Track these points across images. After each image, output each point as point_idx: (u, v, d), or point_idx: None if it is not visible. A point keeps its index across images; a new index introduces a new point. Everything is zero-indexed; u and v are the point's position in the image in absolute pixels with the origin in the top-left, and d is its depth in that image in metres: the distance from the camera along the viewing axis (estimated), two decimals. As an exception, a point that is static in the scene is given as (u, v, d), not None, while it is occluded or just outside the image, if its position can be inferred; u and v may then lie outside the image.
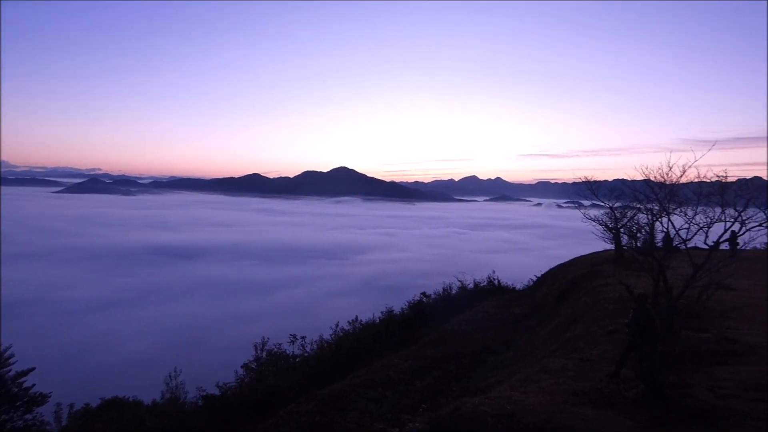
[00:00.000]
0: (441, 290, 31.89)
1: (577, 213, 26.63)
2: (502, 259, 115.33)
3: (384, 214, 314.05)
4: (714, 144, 12.40)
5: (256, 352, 21.13)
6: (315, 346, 22.35)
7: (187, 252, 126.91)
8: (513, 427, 7.29)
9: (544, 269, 33.23)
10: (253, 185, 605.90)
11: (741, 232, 12.35)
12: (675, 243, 14.51)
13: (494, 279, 33.64)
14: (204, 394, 18.16)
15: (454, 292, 31.76)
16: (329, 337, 22.99)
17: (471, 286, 32.28)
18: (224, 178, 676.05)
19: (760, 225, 11.65)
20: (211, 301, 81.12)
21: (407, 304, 29.42)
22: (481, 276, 34.09)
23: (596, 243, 28.20)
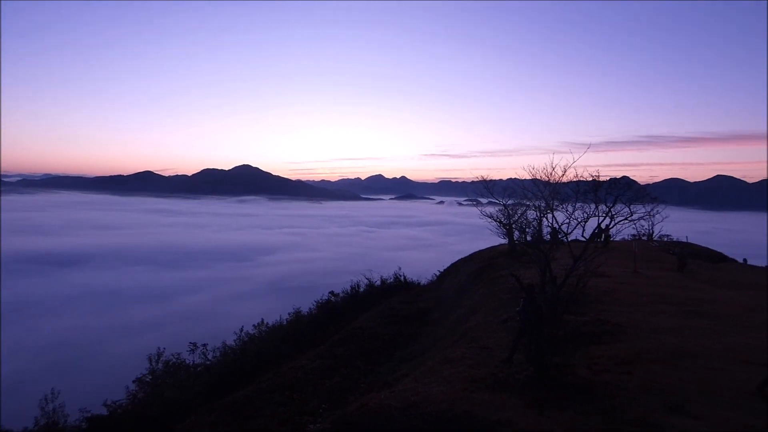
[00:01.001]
0: (349, 289, 32.08)
1: (476, 210, 28.40)
2: (409, 256, 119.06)
3: (291, 214, 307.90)
4: (589, 147, 13.91)
5: (151, 364, 19.56)
6: (218, 353, 21.26)
7: (65, 258, 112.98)
8: (416, 418, 7.55)
9: (447, 264, 34.92)
10: (145, 184, 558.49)
11: (611, 226, 14.01)
12: (560, 236, 16.00)
13: (401, 275, 34.59)
14: (88, 415, 16.39)
15: (362, 289, 32.12)
16: (233, 343, 22.01)
17: (378, 283, 32.88)
18: (111, 176, 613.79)
19: (625, 219, 13.32)
20: (96, 313, 73.08)
21: (316, 304, 29.17)
22: (389, 273, 34.89)
23: (493, 238, 30.28)
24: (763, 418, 7.68)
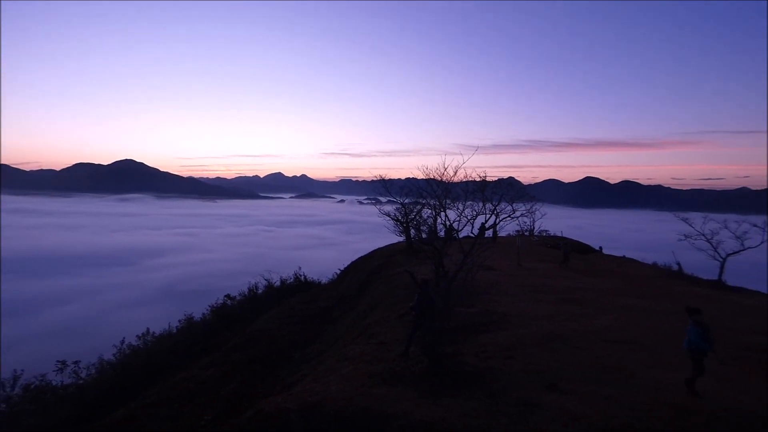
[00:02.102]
0: (247, 291, 30.85)
1: (376, 209, 28.92)
2: (310, 255, 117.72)
3: (182, 213, 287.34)
4: (477, 149, 14.93)
5: (5, 390, 16.95)
6: (93, 371, 19.09)
7: None
8: (314, 419, 7.48)
9: (348, 263, 35.17)
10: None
11: (497, 223, 15.16)
12: (454, 233, 16.90)
13: (301, 275, 34.07)
14: None
15: (260, 291, 31.07)
16: (113, 358, 19.94)
17: (278, 283, 32.05)
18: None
19: (509, 216, 14.49)
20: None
21: (210, 308, 27.60)
22: (289, 273, 34.17)
23: (393, 236, 31.16)
24: (621, 388, 8.83)
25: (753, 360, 10.91)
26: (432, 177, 16.43)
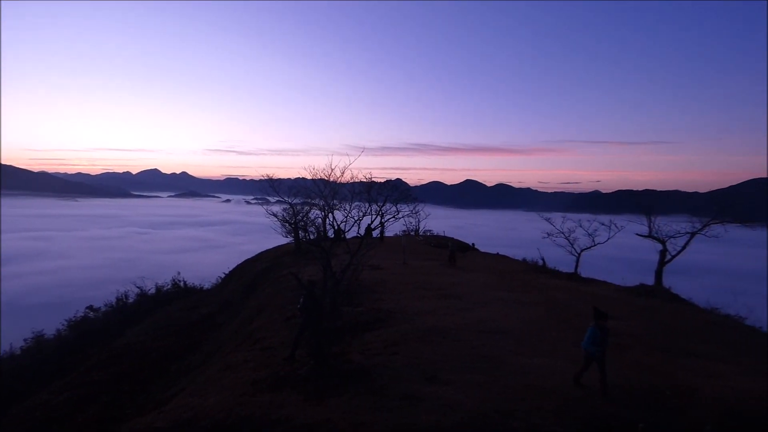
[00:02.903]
0: (115, 301, 27.76)
1: (264, 209, 27.91)
2: (192, 259, 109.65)
3: (32, 213, 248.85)
4: (363, 150, 15.12)
5: None
6: None
7: None
8: (189, 436, 6.95)
9: (235, 265, 33.48)
10: None
11: (382, 223, 15.54)
12: (343, 234, 16.91)
13: (180, 281, 31.62)
14: None
15: (131, 300, 28.16)
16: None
17: (152, 291, 29.35)
18: None
19: (393, 217, 14.94)
20: None
21: (67, 323, 24.29)
22: (166, 279, 31.49)
23: (281, 237, 30.33)
24: (493, 375, 9.58)
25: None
26: (320, 177, 16.30)
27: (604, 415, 7.95)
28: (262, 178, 26.33)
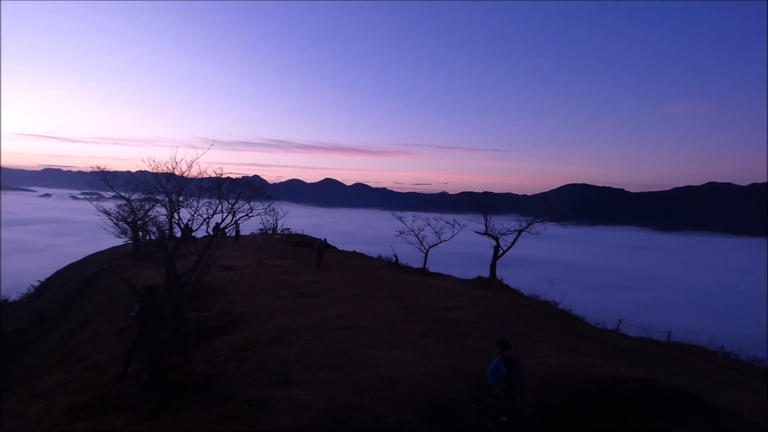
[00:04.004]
0: None
1: (95, 205, 24.21)
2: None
3: None
4: (213, 144, 14.14)
5: None
6: None
7: None
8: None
9: (54, 271, 28.53)
10: None
11: (236, 220, 14.70)
12: (190, 233, 15.56)
13: (-25, 292, 25.84)
14: None
15: None
16: None
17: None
18: None
19: (247, 215, 14.25)
20: None
21: None
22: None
23: (119, 237, 26.68)
24: (345, 371, 9.70)
25: (445, 331, 13.57)
26: (164, 171, 14.76)
27: (444, 399, 8.60)
28: (92, 169, 22.88)
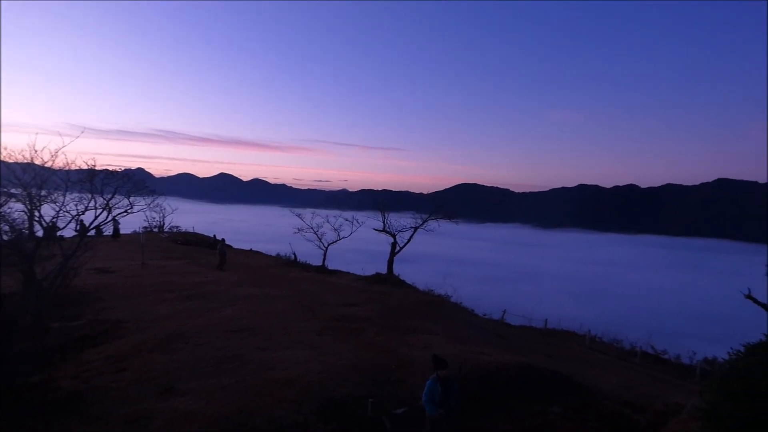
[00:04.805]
0: None
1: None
2: None
3: None
4: (83, 131, 12.48)
5: None
6: None
7: None
8: None
9: None
10: None
11: (111, 218, 13.22)
12: (58, 232, 13.69)
13: None
14: None
15: None
16: None
17: None
18: None
19: (126, 211, 12.89)
20: None
21: None
22: None
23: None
24: (238, 375, 9.22)
25: (343, 329, 13.57)
26: (20, 161, 12.76)
27: (340, 396, 8.58)
28: None
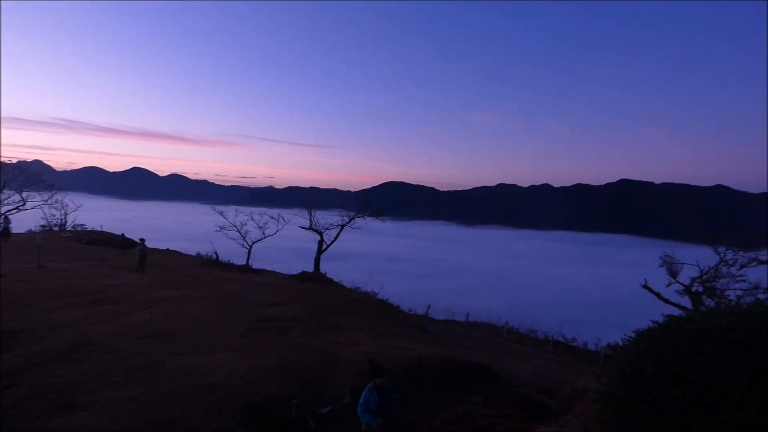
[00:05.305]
0: None
1: None
2: None
3: None
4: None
5: None
6: None
7: None
8: None
9: None
10: None
11: (5, 215, 11.77)
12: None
13: None
14: None
15: None
16: None
17: None
18: None
19: (16, 208, 11.53)
20: None
21: None
22: None
23: None
24: (152, 384, 8.60)
25: (267, 329, 13.18)
26: None
27: (264, 399, 8.32)
28: None
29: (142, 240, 23.33)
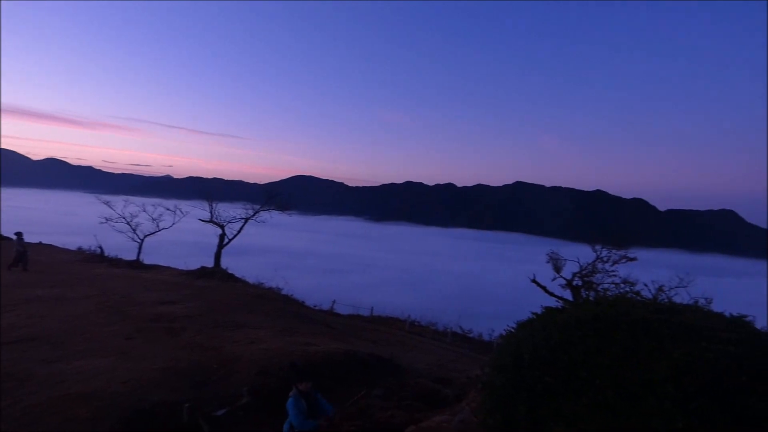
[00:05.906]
0: None
1: None
2: None
3: None
4: None
5: None
6: None
7: None
8: None
9: None
10: None
11: None
12: None
13: None
14: None
15: None
16: None
17: None
18: None
19: None
20: None
21: None
22: None
23: None
24: (13, 397, 7.56)
25: (158, 329, 12.21)
26: None
27: (150, 405, 7.70)
28: None
29: (20, 233, 20.45)
